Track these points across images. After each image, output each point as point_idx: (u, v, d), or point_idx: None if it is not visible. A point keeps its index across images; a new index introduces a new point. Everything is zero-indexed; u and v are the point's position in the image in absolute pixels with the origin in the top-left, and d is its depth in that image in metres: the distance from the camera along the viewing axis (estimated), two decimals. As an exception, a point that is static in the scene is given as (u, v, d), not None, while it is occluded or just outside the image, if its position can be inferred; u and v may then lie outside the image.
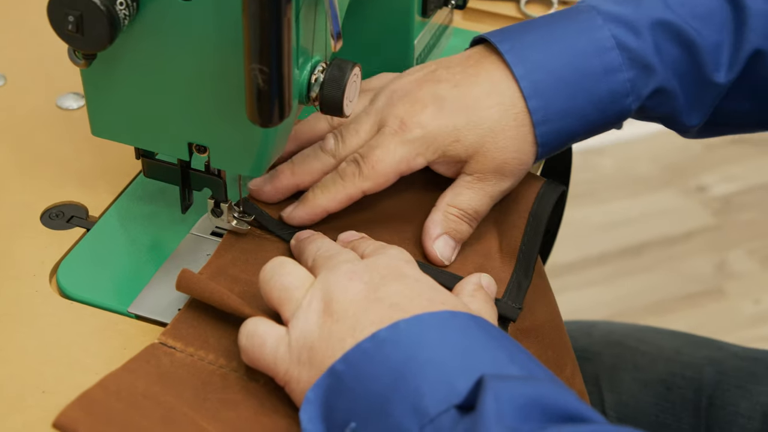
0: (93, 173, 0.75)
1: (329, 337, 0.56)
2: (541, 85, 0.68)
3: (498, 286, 0.67)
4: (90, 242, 0.70)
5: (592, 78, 0.69)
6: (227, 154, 0.65)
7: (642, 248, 1.92)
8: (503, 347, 0.55)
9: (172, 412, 0.56)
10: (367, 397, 0.53)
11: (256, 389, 0.59)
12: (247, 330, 0.58)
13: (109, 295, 0.66)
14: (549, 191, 0.71)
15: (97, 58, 0.63)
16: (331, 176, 0.69)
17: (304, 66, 0.63)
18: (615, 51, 0.69)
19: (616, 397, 0.91)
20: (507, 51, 0.69)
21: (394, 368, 0.53)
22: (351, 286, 0.58)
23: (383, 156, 0.67)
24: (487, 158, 0.68)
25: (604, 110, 0.70)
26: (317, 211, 0.69)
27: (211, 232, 0.71)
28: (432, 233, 0.69)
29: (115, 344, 0.63)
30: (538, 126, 0.68)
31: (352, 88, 0.64)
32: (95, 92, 0.65)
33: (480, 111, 0.68)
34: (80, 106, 0.81)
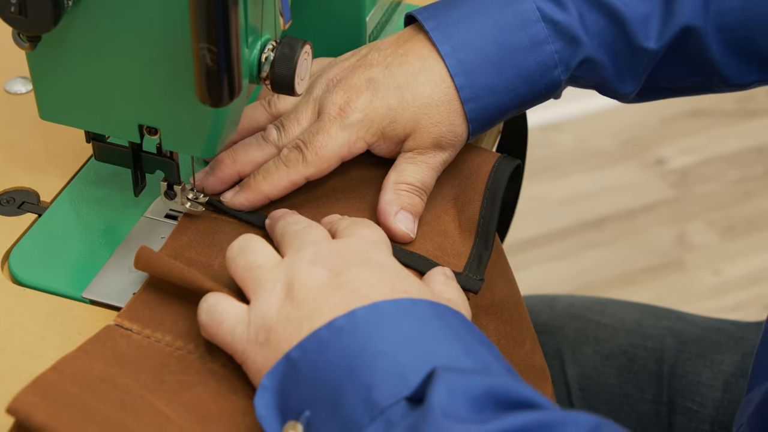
0: (43, 158, 0.74)
1: (287, 321, 0.56)
2: (468, 63, 0.69)
3: (458, 260, 0.68)
4: (42, 228, 0.69)
5: (519, 52, 0.69)
6: (179, 136, 0.64)
7: (602, 222, 1.94)
8: (460, 339, 0.55)
9: (129, 395, 0.56)
10: (321, 386, 0.53)
11: (214, 371, 0.59)
12: (208, 305, 0.58)
13: (62, 280, 0.66)
14: (504, 165, 0.72)
15: (42, 41, 0.62)
16: (274, 162, 0.69)
17: (254, 45, 0.63)
18: (540, 24, 0.69)
19: (579, 369, 0.92)
20: (432, 29, 0.69)
21: (348, 357, 0.53)
22: (314, 271, 0.58)
23: (325, 141, 0.67)
24: (423, 134, 0.69)
25: (534, 83, 0.70)
26: (259, 198, 0.69)
27: (165, 215, 0.70)
28: (390, 211, 0.69)
29: (70, 330, 0.63)
30: (467, 103, 0.69)
31: (303, 66, 0.64)
32: (42, 75, 0.64)
33: (412, 89, 0.68)
34: (28, 90, 0.80)
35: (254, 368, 0.57)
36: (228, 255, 0.60)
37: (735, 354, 0.89)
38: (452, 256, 0.68)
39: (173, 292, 0.62)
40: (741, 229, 1.93)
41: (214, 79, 0.57)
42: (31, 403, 0.54)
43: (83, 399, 0.55)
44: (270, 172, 0.68)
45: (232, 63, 0.57)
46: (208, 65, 0.56)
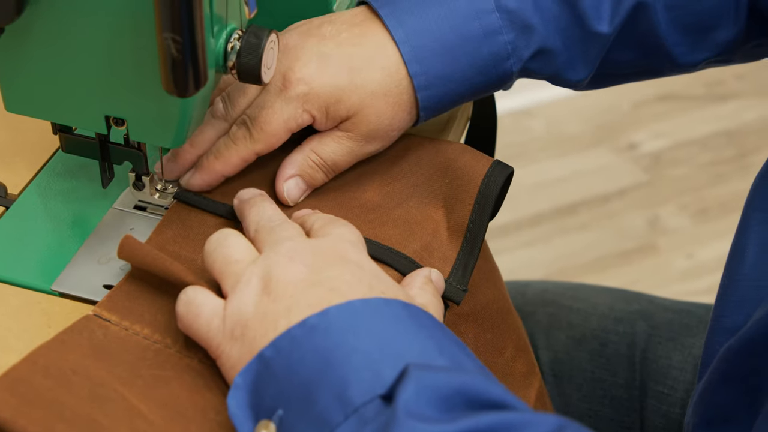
0: (10, 150, 0.74)
1: (264, 316, 0.56)
2: (422, 50, 0.69)
3: (443, 264, 0.67)
4: (10, 220, 0.69)
5: (473, 41, 0.69)
6: (146, 127, 0.64)
7: (575, 207, 1.94)
8: (433, 337, 0.55)
9: (102, 389, 0.55)
10: (295, 385, 0.53)
11: (191, 366, 0.58)
12: (186, 297, 0.58)
13: (31, 273, 0.65)
14: (498, 171, 0.71)
15: (5, 32, 0.61)
16: (224, 141, 0.68)
17: (220, 34, 0.62)
18: (495, 13, 0.69)
19: (552, 354, 0.92)
20: (387, 15, 0.69)
21: (321, 355, 0.53)
22: (292, 266, 0.57)
23: (270, 117, 0.67)
24: (362, 122, 0.68)
25: (487, 73, 0.70)
26: (214, 176, 0.69)
27: (134, 206, 0.70)
28: (286, 172, 0.69)
29: (39, 323, 0.63)
30: (420, 91, 0.69)
31: (270, 55, 0.64)
32: (6, 67, 0.63)
33: (363, 73, 0.68)
34: (-5, 83, 0.79)
35: (228, 363, 0.56)
36: (205, 249, 0.60)
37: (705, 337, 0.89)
38: (438, 259, 0.67)
39: (155, 285, 0.61)
40: (713, 213, 1.95)
41: (179, 69, 0.56)
42: (0, 399, 0.53)
43: (53, 394, 0.54)
44: (221, 151, 0.68)
45: (197, 53, 0.56)
46: (173, 55, 0.56)
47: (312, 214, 0.66)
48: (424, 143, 0.73)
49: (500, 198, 0.72)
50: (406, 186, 0.71)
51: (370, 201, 0.70)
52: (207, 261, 0.60)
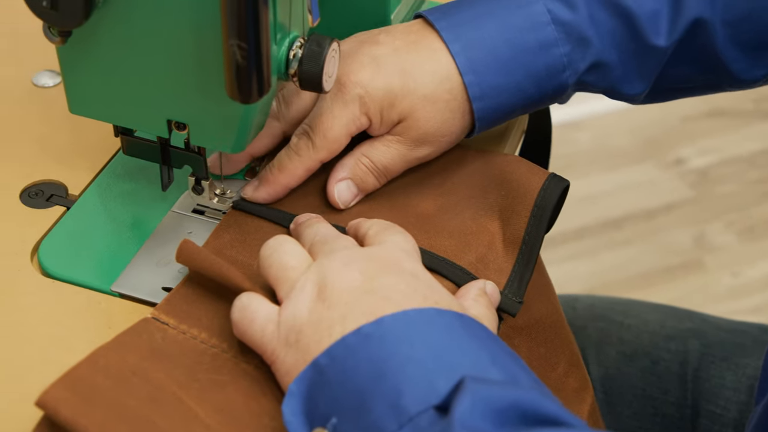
0: (72, 151, 0.75)
1: (318, 322, 0.56)
2: (478, 62, 0.69)
3: (499, 276, 0.67)
4: (70, 220, 0.70)
5: (529, 53, 0.69)
6: (207, 131, 0.65)
7: (621, 222, 1.93)
8: (486, 348, 0.55)
9: (160, 391, 0.56)
10: (349, 393, 0.53)
11: (247, 371, 0.59)
12: (241, 303, 0.58)
13: (91, 273, 0.66)
14: (554, 184, 0.71)
15: (72, 35, 0.62)
16: (286, 153, 0.69)
17: (282, 42, 0.63)
18: (550, 26, 0.69)
19: (602, 370, 0.92)
20: (443, 28, 0.70)
21: (376, 364, 0.53)
22: (346, 273, 0.58)
23: (331, 122, 0.68)
24: (413, 126, 0.69)
25: (542, 85, 0.70)
26: (279, 189, 0.69)
27: (192, 210, 0.71)
28: (338, 175, 0.69)
29: (99, 323, 0.63)
30: (475, 101, 0.69)
31: (331, 64, 0.64)
32: (72, 69, 0.64)
33: (416, 77, 0.68)
34: (56, 84, 0.81)
35: (283, 369, 0.57)
36: (261, 254, 0.61)
37: (760, 358, 0.88)
38: (494, 271, 0.67)
39: (212, 289, 0.62)
40: (760, 231, 1.93)
41: (243, 75, 0.57)
42: (60, 398, 0.54)
43: (113, 394, 0.55)
44: (284, 164, 0.69)
45: (262, 60, 0.57)
46: (239, 62, 0.56)
47: (367, 219, 0.66)
48: (479, 156, 0.74)
49: (556, 211, 0.72)
50: (462, 198, 0.71)
51: (426, 212, 0.71)
52: (263, 266, 0.60)
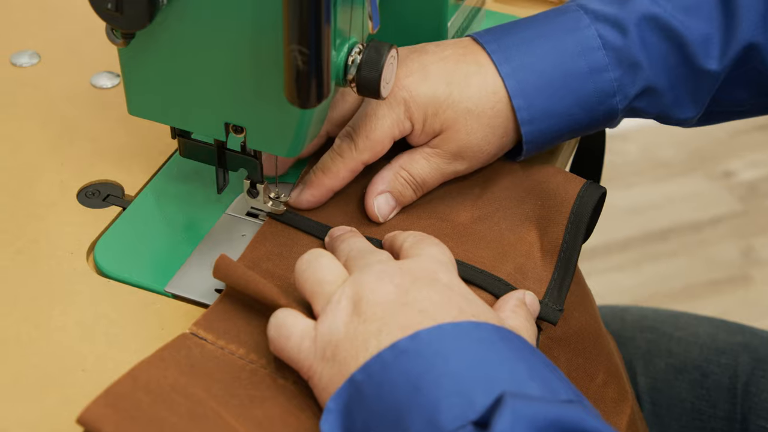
0: (128, 152, 0.75)
1: (354, 336, 0.56)
2: (527, 85, 0.69)
3: (538, 285, 0.67)
4: (126, 221, 0.70)
5: (579, 78, 0.69)
6: (264, 135, 0.65)
7: (667, 234, 1.92)
8: (524, 361, 0.55)
9: (199, 407, 0.56)
10: (385, 408, 0.53)
11: (285, 387, 0.59)
12: (276, 320, 0.58)
13: (145, 273, 0.67)
14: (590, 191, 0.70)
15: (134, 37, 0.63)
16: (330, 155, 0.69)
17: (341, 48, 0.63)
18: (601, 51, 0.69)
19: (651, 382, 0.91)
20: (494, 51, 0.70)
21: (412, 380, 0.53)
22: (381, 287, 0.57)
23: (374, 123, 0.68)
24: (452, 138, 0.69)
25: (592, 110, 0.70)
26: (323, 192, 0.70)
27: (246, 213, 0.71)
28: (376, 188, 0.70)
29: (153, 323, 0.64)
30: (524, 125, 0.69)
31: (389, 70, 0.64)
32: (132, 71, 0.65)
33: (462, 88, 0.68)
34: (114, 85, 0.81)
35: (320, 385, 0.57)
36: (297, 268, 0.60)
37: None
38: (532, 280, 0.67)
39: (249, 305, 0.62)
40: (809, 246, 1.90)
41: (303, 80, 0.57)
42: (102, 415, 0.54)
43: (154, 410, 0.55)
44: (328, 166, 0.69)
45: (322, 65, 0.57)
46: (299, 67, 0.57)
47: (403, 232, 0.66)
48: (515, 168, 0.74)
49: (593, 219, 0.72)
50: (498, 209, 0.71)
51: (462, 224, 0.70)
52: (298, 281, 0.60)
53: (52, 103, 0.80)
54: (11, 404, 0.59)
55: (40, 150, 0.75)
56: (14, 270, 0.66)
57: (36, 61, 0.83)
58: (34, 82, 0.81)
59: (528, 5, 0.91)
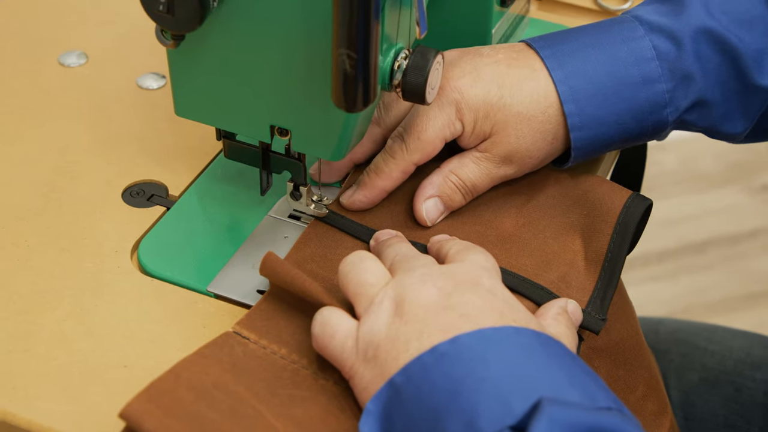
0: (173, 153, 0.76)
1: (396, 338, 0.56)
2: (579, 91, 0.69)
3: (581, 294, 0.67)
4: (170, 221, 0.71)
5: (631, 87, 0.69)
6: (309, 138, 0.65)
7: (704, 246, 1.91)
8: (564, 368, 0.55)
9: (241, 405, 0.57)
10: (424, 412, 0.53)
11: (326, 388, 0.59)
12: (321, 318, 0.59)
13: (188, 273, 0.67)
14: (636, 202, 0.71)
15: (184, 39, 0.63)
16: (382, 156, 0.70)
17: (388, 52, 0.63)
18: (655, 61, 0.69)
19: (683, 396, 0.91)
20: (547, 56, 0.70)
21: (451, 383, 0.53)
22: (424, 289, 0.58)
23: (425, 124, 0.68)
24: (502, 141, 0.69)
25: (642, 120, 0.70)
26: (375, 193, 0.70)
27: (288, 215, 0.71)
28: (425, 192, 0.70)
29: (195, 322, 0.64)
30: (574, 131, 0.69)
31: (435, 76, 0.64)
32: (181, 73, 0.66)
33: (513, 93, 0.69)
34: (160, 86, 0.82)
35: (361, 385, 0.57)
36: (340, 270, 0.61)
37: None
38: (576, 289, 0.67)
39: (292, 305, 0.62)
40: None
41: (351, 84, 0.58)
42: (144, 411, 0.54)
43: (196, 407, 0.56)
44: (380, 167, 0.70)
45: (370, 70, 0.57)
46: (347, 71, 0.57)
47: (449, 239, 0.66)
48: (562, 176, 0.74)
49: (639, 230, 0.72)
50: (543, 217, 0.71)
51: (507, 231, 0.71)
52: (342, 282, 0.61)
53: (99, 103, 0.81)
54: (55, 399, 0.60)
55: (87, 149, 0.76)
56: (60, 267, 0.67)
57: (83, 62, 0.84)
58: (81, 82, 0.83)
59: (572, 14, 0.91)
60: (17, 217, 0.70)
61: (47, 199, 0.72)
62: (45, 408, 0.59)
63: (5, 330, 0.63)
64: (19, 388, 0.60)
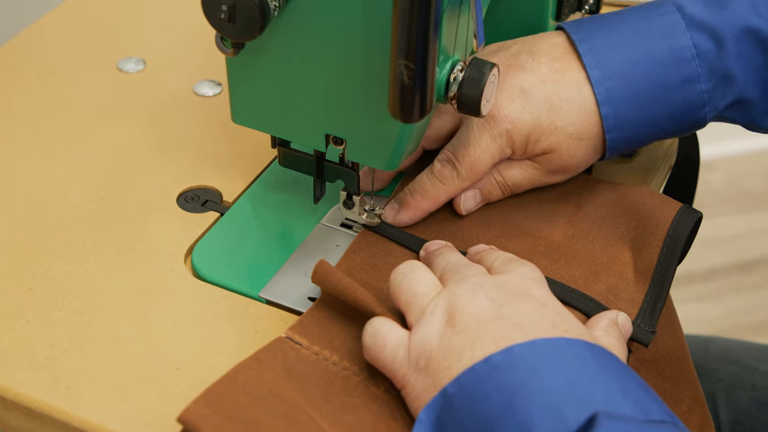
0: (227, 159, 0.77)
1: (448, 348, 0.56)
2: (616, 93, 0.69)
3: (630, 306, 0.67)
4: (223, 226, 0.72)
5: (669, 89, 0.69)
6: (363, 148, 0.66)
7: (750, 266, 1.89)
8: (617, 379, 0.54)
9: (294, 410, 0.57)
10: (477, 422, 0.53)
11: (377, 395, 0.59)
12: (372, 328, 0.59)
13: (240, 278, 0.68)
14: (687, 215, 0.70)
15: (244, 47, 0.64)
16: (429, 179, 0.70)
17: (444, 64, 0.64)
18: (695, 61, 0.68)
19: (733, 415, 0.90)
20: (585, 52, 0.69)
21: (505, 394, 0.53)
22: (476, 300, 0.58)
23: (479, 154, 0.69)
24: (554, 159, 0.70)
25: (679, 119, 0.70)
26: (420, 214, 0.71)
27: (340, 224, 0.72)
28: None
29: (247, 327, 0.65)
30: (609, 132, 0.69)
31: (490, 89, 0.65)
32: (239, 81, 0.67)
33: (563, 115, 0.69)
34: (216, 93, 0.83)
35: (413, 394, 0.57)
36: (392, 279, 0.61)
37: None
38: (625, 301, 0.67)
39: (344, 312, 0.63)
40: None
41: (408, 95, 0.58)
42: (201, 415, 0.55)
43: (252, 412, 0.56)
44: (427, 190, 0.70)
45: (427, 81, 0.58)
46: (404, 82, 0.57)
47: (491, 251, 0.66)
48: (612, 187, 0.74)
49: (688, 243, 0.71)
50: (592, 228, 0.71)
51: (556, 241, 0.71)
52: (393, 292, 0.61)
53: (156, 109, 0.82)
54: (109, 398, 0.60)
55: (144, 154, 0.77)
56: (115, 269, 0.68)
57: (141, 68, 0.86)
58: (139, 88, 0.84)
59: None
60: (75, 220, 0.72)
61: (104, 203, 0.73)
62: (98, 407, 0.60)
63: (62, 330, 0.64)
64: (73, 388, 0.61)
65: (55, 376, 0.61)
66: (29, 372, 0.62)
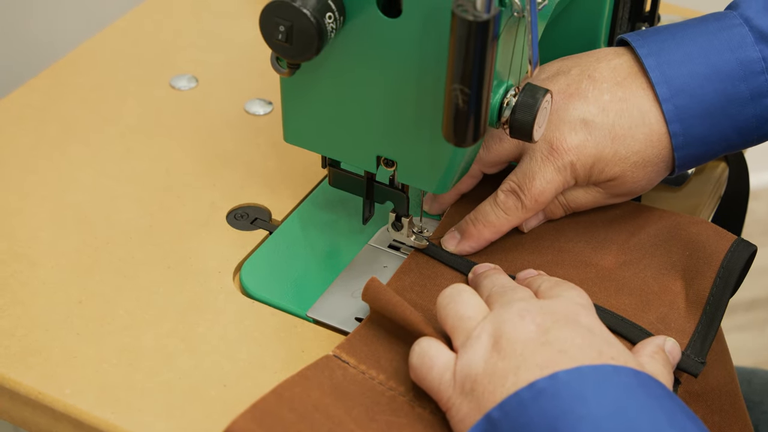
0: (277, 178, 0.77)
1: (493, 372, 0.56)
2: (685, 111, 0.68)
3: (681, 336, 0.66)
4: (272, 245, 0.72)
5: (738, 104, 0.68)
6: (414, 170, 0.66)
7: (793, 297, 1.87)
8: (664, 408, 0.54)
9: (340, 428, 0.57)
10: None
11: (423, 416, 0.59)
12: (420, 349, 0.59)
13: (288, 297, 0.68)
14: (741, 248, 0.70)
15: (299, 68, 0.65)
16: (492, 209, 0.70)
17: (497, 89, 0.64)
18: (764, 75, 0.68)
19: (778, 448, 0.89)
20: (652, 68, 0.69)
21: (549, 421, 0.53)
22: (522, 325, 0.58)
23: (544, 187, 0.69)
24: (618, 186, 0.70)
25: (747, 134, 0.70)
26: (482, 243, 0.71)
27: (388, 245, 0.72)
28: None
29: (293, 346, 0.65)
30: (678, 150, 0.69)
31: (543, 114, 0.65)
32: (293, 100, 0.67)
33: (627, 144, 0.68)
34: (266, 112, 0.84)
35: (457, 417, 0.57)
36: (439, 302, 0.61)
37: None
38: (675, 331, 0.66)
39: (391, 332, 0.63)
40: None
41: (462, 119, 0.58)
42: (247, 430, 0.55)
43: (297, 428, 0.56)
44: (490, 221, 0.70)
45: (482, 106, 0.58)
46: (459, 106, 0.58)
47: (538, 276, 0.66)
48: (665, 215, 0.73)
49: (741, 276, 0.71)
50: (644, 256, 0.71)
51: (607, 269, 0.70)
52: (440, 315, 0.61)
53: (207, 127, 0.82)
54: (156, 413, 0.61)
55: (194, 171, 0.78)
56: (165, 285, 0.69)
57: (194, 85, 0.86)
58: (191, 106, 0.85)
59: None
60: (125, 235, 0.72)
61: (154, 218, 0.74)
62: (146, 422, 0.60)
63: (111, 344, 0.65)
64: (122, 401, 0.61)
65: (103, 390, 0.62)
66: (78, 384, 0.62)
